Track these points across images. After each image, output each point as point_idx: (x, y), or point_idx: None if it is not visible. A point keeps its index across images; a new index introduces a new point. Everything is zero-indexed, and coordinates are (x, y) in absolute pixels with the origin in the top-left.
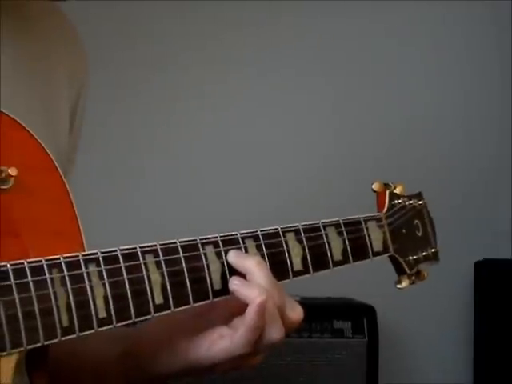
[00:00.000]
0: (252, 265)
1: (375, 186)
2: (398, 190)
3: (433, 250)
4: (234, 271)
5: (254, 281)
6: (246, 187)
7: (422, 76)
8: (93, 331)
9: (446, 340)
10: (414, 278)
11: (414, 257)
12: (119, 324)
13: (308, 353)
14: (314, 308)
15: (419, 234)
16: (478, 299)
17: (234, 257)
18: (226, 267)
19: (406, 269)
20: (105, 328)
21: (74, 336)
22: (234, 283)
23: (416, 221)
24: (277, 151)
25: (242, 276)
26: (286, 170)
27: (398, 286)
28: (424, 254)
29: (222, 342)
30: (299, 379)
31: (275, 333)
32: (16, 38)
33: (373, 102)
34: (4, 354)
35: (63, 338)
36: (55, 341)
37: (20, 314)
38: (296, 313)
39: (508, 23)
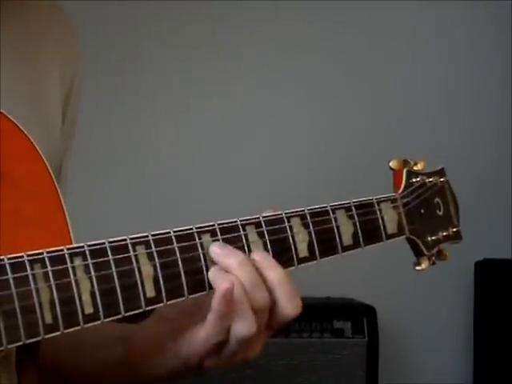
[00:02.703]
0: (234, 264)
1: (392, 164)
2: (418, 167)
3: (454, 230)
4: None
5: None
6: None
7: (421, 76)
8: (79, 327)
9: (446, 340)
10: (434, 258)
11: (433, 237)
12: (107, 319)
13: (308, 353)
14: (314, 308)
15: (440, 213)
16: (478, 299)
17: (215, 253)
18: None
19: (424, 250)
20: (92, 324)
21: (58, 333)
22: (210, 272)
23: (437, 199)
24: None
25: None
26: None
27: (417, 267)
28: (444, 233)
29: (199, 332)
30: (299, 379)
31: (241, 329)
32: (4, 27)
33: (371, 103)
34: None
35: (46, 336)
36: (37, 339)
37: None
38: (294, 306)
39: (508, 23)
